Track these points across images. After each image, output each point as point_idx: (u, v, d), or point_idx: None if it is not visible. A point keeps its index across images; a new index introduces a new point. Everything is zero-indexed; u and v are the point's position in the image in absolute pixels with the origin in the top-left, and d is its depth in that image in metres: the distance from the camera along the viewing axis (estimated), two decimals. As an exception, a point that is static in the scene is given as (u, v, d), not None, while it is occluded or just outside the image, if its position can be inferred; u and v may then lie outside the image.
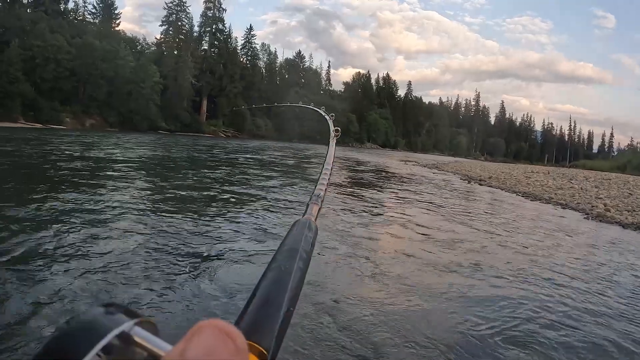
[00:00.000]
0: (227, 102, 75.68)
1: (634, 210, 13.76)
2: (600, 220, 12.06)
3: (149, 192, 9.97)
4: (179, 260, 4.93)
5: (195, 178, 13.68)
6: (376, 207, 11.02)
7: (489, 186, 20.98)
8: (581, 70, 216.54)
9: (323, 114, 5.16)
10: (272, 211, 8.72)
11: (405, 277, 5.36)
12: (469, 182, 22.89)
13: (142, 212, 7.48)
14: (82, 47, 53.94)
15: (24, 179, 10.56)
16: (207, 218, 7.51)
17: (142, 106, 58.43)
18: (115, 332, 0.33)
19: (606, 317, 4.58)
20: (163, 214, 7.57)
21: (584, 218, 12.58)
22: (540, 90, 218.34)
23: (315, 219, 1.05)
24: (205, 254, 5.23)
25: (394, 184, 18.57)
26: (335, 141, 2.38)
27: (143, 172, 14.31)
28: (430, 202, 12.85)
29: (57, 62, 51.04)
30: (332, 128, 2.88)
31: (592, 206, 14.37)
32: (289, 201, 10.19)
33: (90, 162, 16.01)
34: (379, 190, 14.97)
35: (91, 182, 10.55)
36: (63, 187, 9.45)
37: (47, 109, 49.81)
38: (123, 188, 9.93)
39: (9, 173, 11.46)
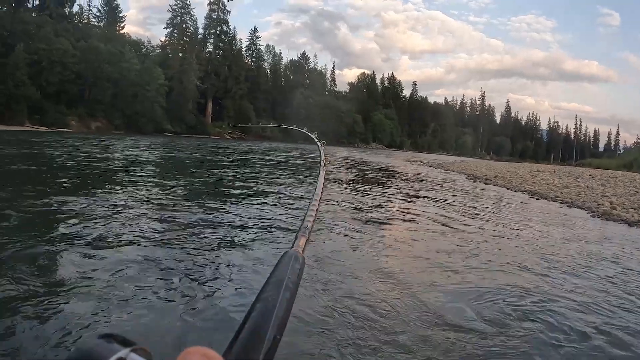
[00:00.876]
0: (232, 103, 75.84)
1: (641, 208, 13.74)
2: (607, 219, 12.03)
3: (170, 195, 9.99)
4: (176, 280, 4.89)
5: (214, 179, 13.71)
6: (382, 205, 11.01)
7: (495, 185, 20.94)
8: (586, 68, 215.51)
9: (316, 140, 5.16)
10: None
11: (410, 273, 5.36)
12: (475, 181, 22.85)
13: (159, 220, 7.50)
14: (87, 50, 54.19)
15: (30, 182, 10.60)
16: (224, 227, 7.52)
17: (148, 109, 58.64)
18: (113, 359, 0.35)
19: (615, 310, 4.57)
20: (177, 220, 7.59)
21: (590, 216, 12.54)
22: (546, 89, 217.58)
23: (303, 251, 1.08)
24: (203, 274, 5.19)
25: (400, 183, 18.54)
26: (325, 171, 2.36)
27: (164, 174, 14.34)
28: (435, 201, 12.83)
29: (62, 66, 51.23)
30: (322, 156, 2.85)
31: (598, 204, 14.32)
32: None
33: (100, 164, 16.10)
34: (384, 190, 14.95)
35: (101, 185, 10.60)
36: (73, 190, 9.50)
37: (53, 112, 50.15)
38: (134, 191, 9.96)
39: (21, 175, 11.53)
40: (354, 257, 6.01)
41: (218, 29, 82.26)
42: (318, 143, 3.67)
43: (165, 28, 77.29)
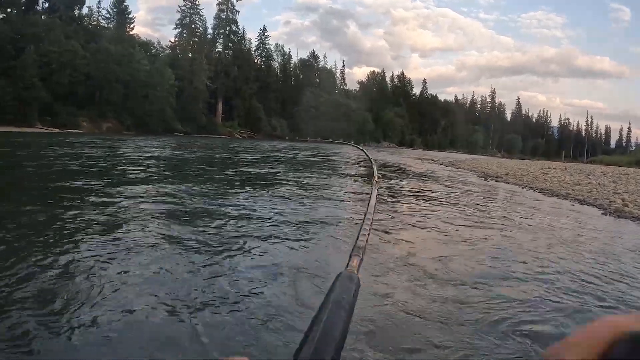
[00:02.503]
0: (242, 103, 76.08)
1: (654, 205, 13.61)
2: (618, 216, 11.92)
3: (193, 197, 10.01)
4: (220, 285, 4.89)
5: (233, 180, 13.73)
6: (395, 202, 11.00)
7: (506, 182, 20.84)
8: (598, 64, 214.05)
9: (369, 157, 5.08)
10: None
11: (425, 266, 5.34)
12: (486, 179, 22.75)
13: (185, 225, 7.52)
14: (97, 52, 54.76)
15: (46, 183, 10.66)
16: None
17: (158, 109, 59.02)
18: None
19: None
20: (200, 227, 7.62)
21: (602, 214, 12.43)
22: (557, 86, 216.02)
23: (357, 271, 1.04)
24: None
25: (411, 181, 18.51)
26: (377, 188, 2.32)
27: (187, 174, 14.38)
28: (445, 198, 12.80)
29: (73, 67, 51.76)
30: (375, 174, 2.82)
31: (610, 201, 14.20)
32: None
33: (114, 163, 16.19)
34: (397, 187, 14.92)
35: (116, 186, 10.66)
36: (89, 192, 9.55)
37: (64, 113, 50.68)
38: (152, 190, 10.00)
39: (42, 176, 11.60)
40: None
41: (227, 28, 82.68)
42: (372, 161, 3.63)
43: (175, 28, 77.99)
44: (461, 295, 4.73)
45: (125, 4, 72.52)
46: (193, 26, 77.97)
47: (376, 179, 2.66)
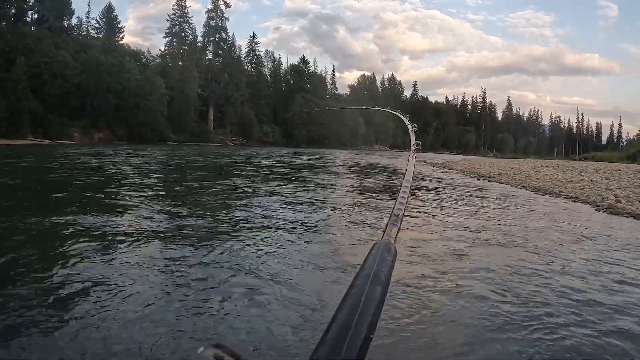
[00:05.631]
0: (233, 110, 76.06)
1: (646, 200, 13.68)
2: (611, 212, 11.96)
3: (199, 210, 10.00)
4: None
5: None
6: (388, 205, 11.02)
7: (499, 182, 20.87)
8: (587, 61, 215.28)
9: (407, 122, 4.98)
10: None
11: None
12: (478, 179, 22.79)
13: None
14: (87, 62, 54.59)
15: (40, 195, 10.64)
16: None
17: (150, 118, 58.90)
18: None
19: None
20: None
21: (595, 210, 12.47)
22: (547, 84, 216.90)
23: (394, 241, 1.04)
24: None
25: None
26: (414, 156, 2.26)
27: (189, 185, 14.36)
28: (439, 200, 12.84)
29: (63, 78, 51.55)
30: (412, 141, 2.75)
31: (603, 198, 14.25)
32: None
33: (109, 175, 16.15)
34: (392, 191, 14.96)
35: (112, 198, 10.65)
36: (91, 204, 9.53)
37: (56, 124, 50.47)
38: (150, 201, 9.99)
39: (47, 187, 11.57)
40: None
41: (217, 36, 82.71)
42: (409, 126, 3.57)
43: (165, 37, 77.87)
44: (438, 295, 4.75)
45: (114, 13, 72.41)
46: (183, 34, 77.92)
47: (414, 147, 2.60)
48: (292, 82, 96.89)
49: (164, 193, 11.85)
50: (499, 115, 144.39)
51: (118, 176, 15.89)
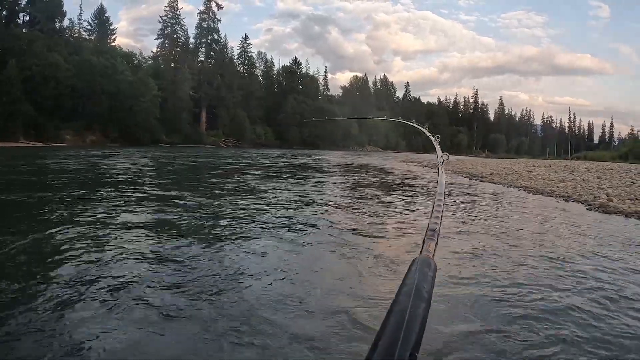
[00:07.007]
0: (226, 112, 76.00)
1: (637, 199, 13.76)
2: (603, 211, 12.03)
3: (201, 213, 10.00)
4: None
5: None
6: (381, 208, 11.06)
7: (491, 182, 20.96)
8: (579, 61, 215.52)
9: (428, 133, 4.95)
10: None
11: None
12: (471, 179, 22.87)
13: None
14: (80, 64, 54.39)
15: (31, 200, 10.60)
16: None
17: (142, 120, 58.76)
18: None
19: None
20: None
21: (587, 209, 12.55)
22: (539, 84, 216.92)
23: (433, 256, 1.04)
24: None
25: (395, 185, 18.62)
26: (444, 169, 2.25)
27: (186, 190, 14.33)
28: (430, 201, 12.86)
29: (56, 80, 51.32)
30: (439, 154, 2.73)
31: (595, 197, 14.34)
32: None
33: (104, 177, 16.11)
34: (383, 193, 14.99)
35: (110, 199, 10.63)
36: (90, 208, 9.52)
37: (49, 127, 50.18)
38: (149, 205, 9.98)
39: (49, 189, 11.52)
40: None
41: (209, 37, 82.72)
42: (432, 138, 3.54)
43: (157, 39, 77.81)
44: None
45: (106, 15, 72.14)
46: (175, 36, 77.85)
47: (442, 159, 2.57)
48: (284, 83, 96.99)
49: (161, 194, 11.83)
50: (491, 116, 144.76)
51: (107, 178, 15.86)
